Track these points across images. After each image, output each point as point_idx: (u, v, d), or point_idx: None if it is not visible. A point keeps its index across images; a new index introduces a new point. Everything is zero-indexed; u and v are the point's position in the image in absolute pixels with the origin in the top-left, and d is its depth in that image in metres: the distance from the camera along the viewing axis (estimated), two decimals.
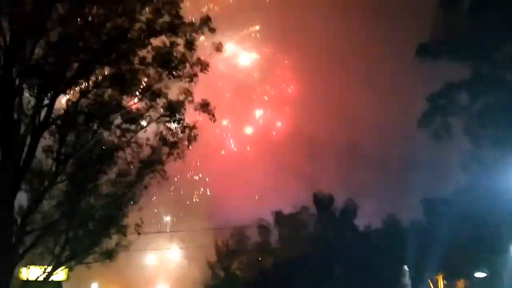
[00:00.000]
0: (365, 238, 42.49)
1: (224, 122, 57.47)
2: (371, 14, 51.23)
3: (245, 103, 59.24)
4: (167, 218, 55.30)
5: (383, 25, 50.37)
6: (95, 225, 20.32)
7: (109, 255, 21.10)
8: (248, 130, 60.94)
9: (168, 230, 53.86)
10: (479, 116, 26.97)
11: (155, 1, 17.28)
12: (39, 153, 16.96)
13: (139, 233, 20.99)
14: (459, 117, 28.19)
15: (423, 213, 38.35)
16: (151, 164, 20.00)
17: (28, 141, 15.95)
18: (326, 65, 54.16)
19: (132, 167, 20.13)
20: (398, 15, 49.10)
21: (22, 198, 16.76)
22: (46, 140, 17.23)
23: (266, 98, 61.53)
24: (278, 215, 46.18)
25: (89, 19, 16.64)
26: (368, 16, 51.50)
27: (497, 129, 26.34)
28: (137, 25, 17.30)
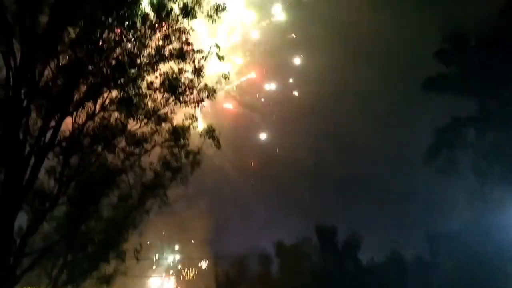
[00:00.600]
0: (368, 272, 41.70)
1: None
2: (377, 43, 51.66)
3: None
4: (166, 245, 54.59)
5: (389, 56, 50.70)
6: (94, 249, 20.07)
7: (107, 280, 20.76)
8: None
9: (166, 257, 53.19)
10: (486, 152, 26.79)
11: (165, 27, 17.52)
12: (41, 174, 16.91)
13: (138, 259, 20.69)
14: (465, 153, 28.02)
15: (428, 248, 37.73)
16: (153, 189, 19.91)
17: (32, 161, 15.94)
18: (330, 95, 54.28)
19: (134, 191, 20.02)
20: (405, 47, 49.44)
21: (22, 219, 16.60)
22: (50, 161, 17.22)
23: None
24: (280, 246, 45.54)
25: (100, 43, 16.83)
26: (374, 46, 51.94)
27: (503, 166, 26.12)
28: (147, 51, 17.52)
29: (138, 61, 17.44)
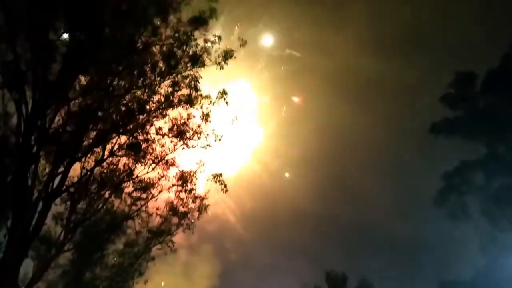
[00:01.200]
0: None
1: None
2: (382, 89, 52.17)
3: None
4: None
5: (395, 102, 51.10)
6: None
7: None
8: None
9: None
10: (496, 196, 26.42)
11: (174, 74, 17.88)
12: (48, 220, 16.84)
13: None
14: (475, 197, 27.65)
15: None
16: (160, 235, 19.71)
17: (39, 207, 15.91)
18: (336, 143, 54.42)
19: (140, 236, 19.82)
20: (411, 90, 49.86)
21: (27, 266, 16.42)
22: (57, 207, 17.20)
23: None
24: None
25: (110, 90, 17.15)
26: (378, 91, 52.44)
27: None
28: (156, 97, 17.83)
29: (147, 107, 17.71)
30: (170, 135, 18.43)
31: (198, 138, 18.71)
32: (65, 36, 16.58)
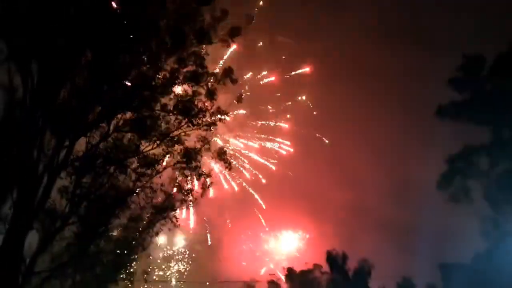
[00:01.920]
0: None
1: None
2: (391, 73, 51.83)
3: None
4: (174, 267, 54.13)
5: (402, 85, 50.84)
6: (103, 270, 19.96)
7: None
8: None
9: (174, 280, 52.68)
10: (499, 180, 26.40)
11: (180, 51, 17.78)
12: (53, 193, 17.00)
13: (146, 281, 20.53)
14: (478, 181, 27.64)
15: (440, 278, 36.93)
16: (164, 210, 19.86)
17: (44, 180, 16.07)
18: (344, 122, 54.40)
19: (144, 212, 19.99)
20: (418, 73, 49.57)
21: (32, 237, 16.62)
22: (62, 180, 17.34)
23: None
24: (290, 271, 44.95)
25: (115, 65, 17.10)
26: (388, 76, 52.10)
27: None
28: (162, 74, 17.77)
29: (153, 83, 17.67)
30: (175, 112, 18.41)
31: (203, 116, 18.70)
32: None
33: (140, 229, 20.29)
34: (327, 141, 58.19)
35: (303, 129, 58.09)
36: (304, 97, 58.23)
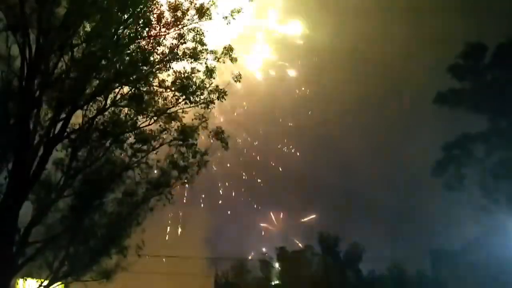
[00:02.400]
0: (369, 283, 41.49)
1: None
2: (388, 58, 51.47)
3: None
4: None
5: (401, 70, 50.56)
6: (96, 243, 20.10)
7: (107, 275, 20.77)
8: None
9: (165, 255, 52.96)
10: (494, 169, 26.59)
11: (180, 26, 17.61)
12: (49, 165, 17.04)
13: (139, 255, 20.67)
14: (473, 169, 27.83)
15: (431, 263, 37.47)
16: (159, 186, 19.91)
17: (40, 152, 16.06)
18: (339, 106, 54.17)
19: (139, 187, 20.04)
20: (417, 61, 49.27)
21: (27, 208, 16.68)
22: (58, 153, 17.35)
23: None
24: (282, 251, 45.48)
25: (114, 38, 16.93)
26: (385, 60, 51.76)
27: (511, 184, 25.91)
28: (160, 49, 17.62)
29: (151, 58, 17.53)
30: (173, 88, 18.32)
31: (201, 94, 18.60)
32: None
33: (135, 204, 20.34)
34: None
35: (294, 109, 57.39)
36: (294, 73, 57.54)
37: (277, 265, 46.06)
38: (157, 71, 17.90)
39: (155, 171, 19.87)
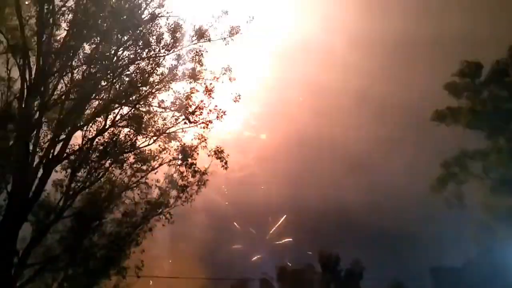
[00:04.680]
0: None
1: None
2: (386, 75, 51.92)
3: None
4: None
5: (399, 87, 50.93)
6: (95, 264, 19.94)
7: None
8: None
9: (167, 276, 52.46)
10: (494, 186, 26.58)
11: (179, 48, 17.82)
12: (48, 186, 17.02)
13: (138, 276, 20.48)
14: (472, 186, 27.81)
15: (432, 282, 37.17)
16: (158, 207, 19.86)
17: (39, 173, 16.07)
18: (335, 127, 54.37)
19: (139, 207, 19.98)
20: (415, 78, 49.69)
21: (26, 230, 16.62)
22: (58, 174, 17.36)
23: None
24: (282, 270, 45.07)
25: (114, 60, 17.11)
26: (383, 77, 52.21)
27: (511, 201, 25.87)
28: (160, 70, 17.81)
29: (151, 79, 17.69)
30: (172, 108, 18.44)
31: (200, 114, 18.71)
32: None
33: (134, 224, 20.25)
34: None
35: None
36: None
37: (277, 284, 45.62)
38: (157, 92, 18.04)
39: (155, 191, 19.86)
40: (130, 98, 17.62)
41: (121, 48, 17.33)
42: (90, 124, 17.47)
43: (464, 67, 27.50)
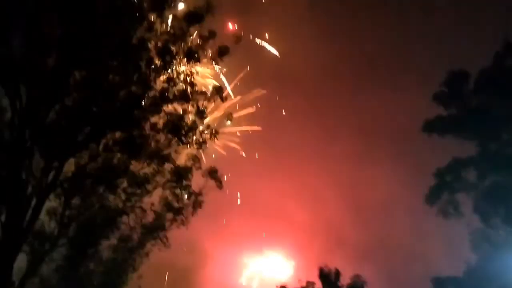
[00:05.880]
0: None
1: None
2: (377, 87, 52.43)
3: None
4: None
5: (389, 98, 51.41)
6: None
7: None
8: None
9: None
10: (488, 193, 26.65)
11: (170, 70, 17.89)
12: (42, 214, 16.82)
13: None
14: (467, 194, 27.87)
15: None
16: (154, 230, 19.71)
17: (33, 202, 15.89)
18: (329, 141, 54.61)
19: (134, 232, 19.81)
20: (404, 88, 50.25)
21: (21, 260, 16.36)
22: (51, 202, 17.17)
23: None
24: None
25: (105, 85, 17.12)
26: (374, 88, 52.71)
27: (507, 208, 25.94)
28: (151, 93, 17.83)
29: (142, 102, 17.70)
30: (165, 130, 18.43)
31: (193, 135, 18.72)
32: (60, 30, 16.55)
33: (130, 249, 20.06)
34: None
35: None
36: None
37: None
38: (149, 115, 18.03)
39: (150, 215, 19.71)
40: (122, 123, 17.56)
41: (111, 73, 17.34)
42: (83, 150, 17.37)
43: (451, 77, 27.82)
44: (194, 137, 18.62)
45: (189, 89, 18.16)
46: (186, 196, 19.28)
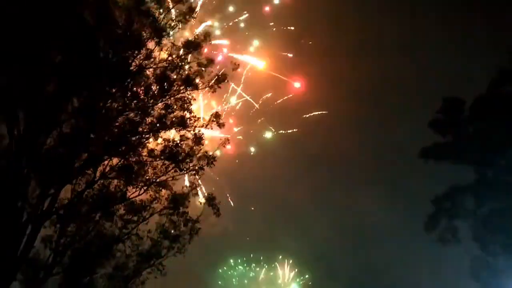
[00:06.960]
0: None
1: None
2: (374, 111, 52.83)
3: None
4: None
5: (387, 122, 51.77)
6: None
7: None
8: None
9: None
10: (487, 220, 26.52)
11: (167, 97, 18.00)
12: (37, 242, 16.58)
13: None
14: (465, 221, 27.72)
15: None
16: (150, 258, 19.39)
17: (28, 230, 15.69)
18: (328, 168, 54.63)
19: (130, 260, 19.48)
20: (401, 113, 50.65)
21: None
22: (46, 229, 16.95)
23: None
24: None
25: (103, 112, 17.18)
26: (370, 113, 53.10)
27: (505, 235, 25.77)
28: (149, 119, 17.88)
29: (140, 129, 17.73)
30: (162, 157, 18.39)
31: (190, 161, 18.69)
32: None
33: (126, 278, 19.67)
34: None
35: None
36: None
37: None
38: (146, 141, 18.03)
39: (146, 242, 19.43)
40: (120, 149, 17.53)
41: (109, 100, 17.42)
42: (79, 177, 17.26)
43: (446, 104, 28.06)
44: (191, 164, 18.56)
45: (186, 115, 18.24)
46: (183, 223, 19.06)
